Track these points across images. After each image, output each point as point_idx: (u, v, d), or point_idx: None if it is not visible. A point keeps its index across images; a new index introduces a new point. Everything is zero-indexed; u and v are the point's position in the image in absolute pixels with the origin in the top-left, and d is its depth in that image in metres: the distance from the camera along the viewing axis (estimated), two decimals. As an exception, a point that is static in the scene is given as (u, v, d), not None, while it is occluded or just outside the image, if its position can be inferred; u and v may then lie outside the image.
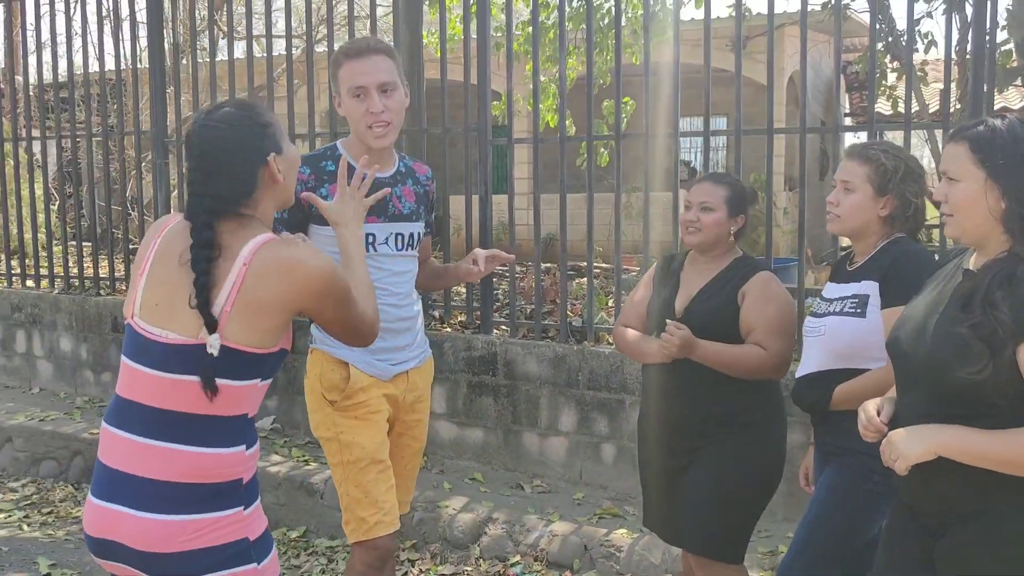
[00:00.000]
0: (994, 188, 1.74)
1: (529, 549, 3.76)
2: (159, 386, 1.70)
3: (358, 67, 2.46)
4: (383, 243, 2.56)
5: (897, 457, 1.77)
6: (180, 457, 1.69)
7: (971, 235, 1.82)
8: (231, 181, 1.75)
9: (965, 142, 1.77)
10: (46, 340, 5.81)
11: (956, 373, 1.70)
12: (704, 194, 2.69)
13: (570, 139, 4.43)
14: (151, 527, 1.67)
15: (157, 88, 5.31)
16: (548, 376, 4.28)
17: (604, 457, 4.21)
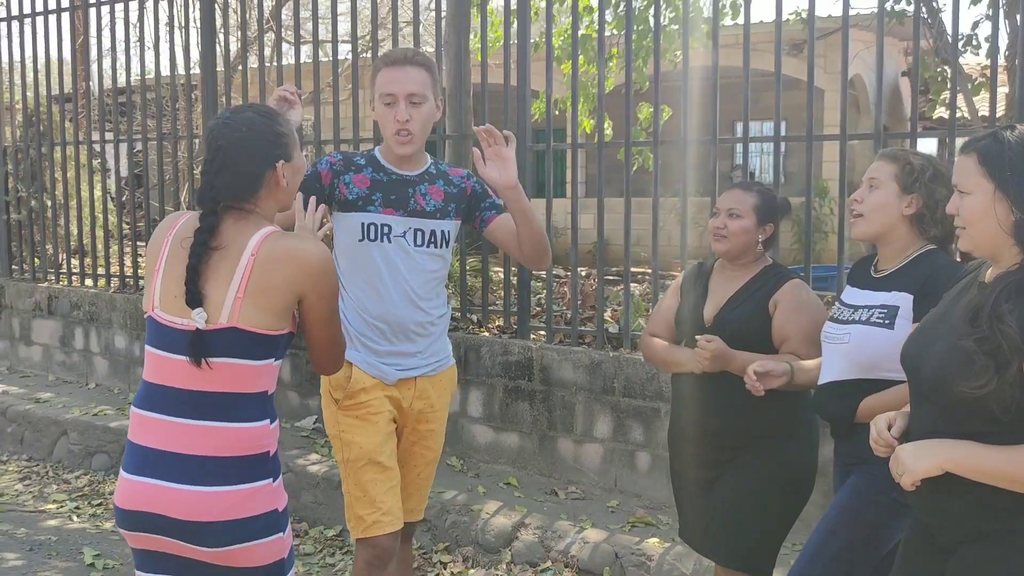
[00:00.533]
0: (1003, 200, 1.71)
1: (560, 555, 3.76)
2: (187, 370, 1.85)
3: (392, 75, 2.56)
4: (400, 236, 2.61)
5: (903, 472, 1.74)
6: (212, 432, 1.85)
7: (983, 248, 1.79)
8: (239, 179, 1.90)
9: (974, 154, 1.75)
10: (102, 337, 6.00)
11: (959, 387, 1.67)
12: (733, 201, 2.67)
13: (608, 144, 4.41)
14: (193, 498, 1.82)
15: (209, 94, 5.46)
16: (584, 382, 4.27)
17: (639, 465, 4.19)
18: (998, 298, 1.68)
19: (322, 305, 1.95)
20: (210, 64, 5.44)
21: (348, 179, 2.59)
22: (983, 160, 1.73)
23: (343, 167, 2.61)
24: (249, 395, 1.90)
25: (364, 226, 2.58)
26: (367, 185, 2.60)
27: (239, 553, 1.87)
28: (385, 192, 2.61)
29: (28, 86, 6.40)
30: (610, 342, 4.40)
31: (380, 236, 2.58)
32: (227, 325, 1.84)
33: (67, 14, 6.16)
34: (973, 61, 6.97)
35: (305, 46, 6.16)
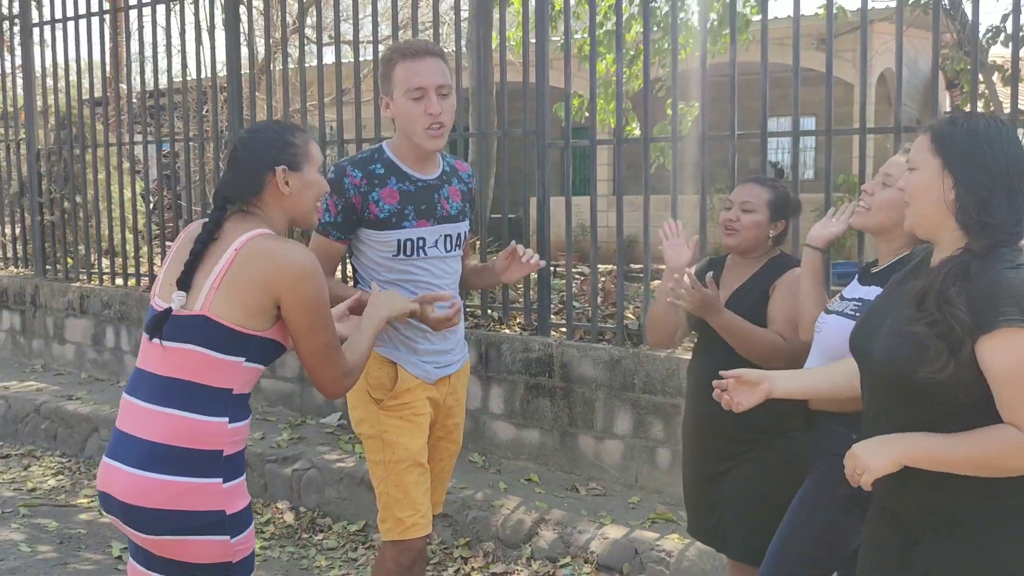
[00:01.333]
0: (948, 178, 1.73)
1: (580, 551, 3.77)
2: (160, 353, 1.93)
3: (418, 68, 2.45)
4: (432, 246, 2.58)
5: (862, 471, 1.72)
6: (168, 420, 1.88)
7: (925, 226, 1.80)
8: (242, 177, 2.03)
9: (928, 132, 1.79)
10: (132, 336, 6.10)
11: (917, 374, 1.67)
12: (746, 194, 2.66)
13: (627, 141, 4.41)
14: (135, 481, 1.87)
15: (234, 96, 5.53)
16: (604, 379, 4.28)
17: (659, 462, 4.19)
18: (944, 281, 1.68)
19: (302, 313, 1.94)
20: (235, 66, 5.52)
21: (376, 196, 2.51)
22: (935, 138, 1.76)
23: (367, 184, 2.51)
24: (210, 388, 1.91)
25: (400, 243, 2.53)
26: (397, 199, 2.52)
27: (176, 545, 1.88)
28: (416, 203, 2.55)
29: (61, 89, 6.52)
30: (630, 339, 4.40)
31: (416, 251, 2.54)
32: (198, 312, 1.90)
33: (96, 18, 6.27)
34: (1005, 53, 6.85)
35: (328, 47, 6.21)
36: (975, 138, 1.72)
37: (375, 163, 2.56)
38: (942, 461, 1.67)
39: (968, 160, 1.71)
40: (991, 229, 1.69)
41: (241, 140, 2.08)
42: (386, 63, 2.51)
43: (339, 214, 2.50)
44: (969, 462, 1.65)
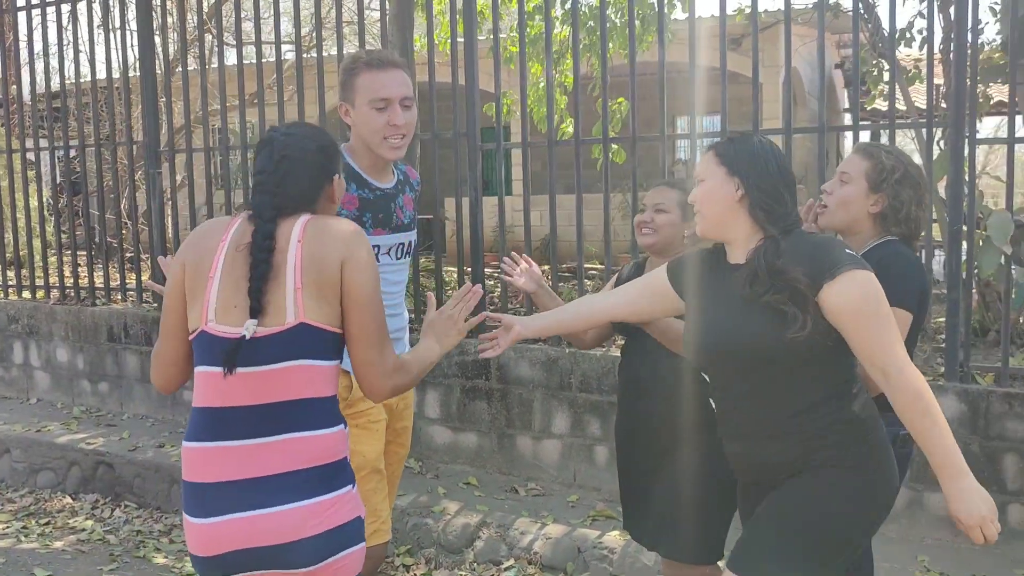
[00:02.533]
0: (735, 179, 2.00)
1: (523, 552, 3.77)
2: (255, 382, 1.77)
3: (383, 79, 2.42)
4: (385, 254, 2.56)
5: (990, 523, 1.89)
6: (292, 445, 1.77)
7: (717, 226, 2.06)
8: (303, 187, 1.91)
9: (711, 150, 2.08)
10: (43, 351, 5.83)
11: (784, 338, 1.89)
12: (660, 197, 2.70)
13: (559, 143, 4.43)
14: (282, 519, 1.73)
15: (149, 98, 5.34)
16: (541, 379, 4.29)
17: (597, 459, 4.22)
18: (768, 260, 1.93)
19: (362, 277, 1.83)
20: (149, 67, 5.32)
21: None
22: (719, 153, 2.05)
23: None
24: (321, 400, 1.82)
25: None
26: (356, 206, 2.49)
27: (334, 567, 1.79)
28: (373, 211, 2.52)
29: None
30: (566, 339, 4.43)
31: None
32: (295, 323, 1.77)
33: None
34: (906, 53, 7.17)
35: (247, 46, 6.05)
36: (754, 149, 2.02)
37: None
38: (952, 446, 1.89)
39: (752, 164, 2.00)
40: (782, 216, 1.98)
41: (295, 150, 1.92)
42: (348, 71, 2.47)
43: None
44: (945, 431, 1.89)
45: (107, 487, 4.73)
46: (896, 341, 1.89)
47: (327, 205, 1.98)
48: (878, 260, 2.32)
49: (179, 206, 5.59)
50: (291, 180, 1.89)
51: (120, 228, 5.87)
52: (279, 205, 1.87)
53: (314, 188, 1.92)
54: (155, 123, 5.35)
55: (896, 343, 1.88)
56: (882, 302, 1.88)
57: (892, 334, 1.88)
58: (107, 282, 5.76)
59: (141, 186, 6.32)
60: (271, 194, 1.87)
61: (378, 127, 2.43)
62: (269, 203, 1.86)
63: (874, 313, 1.87)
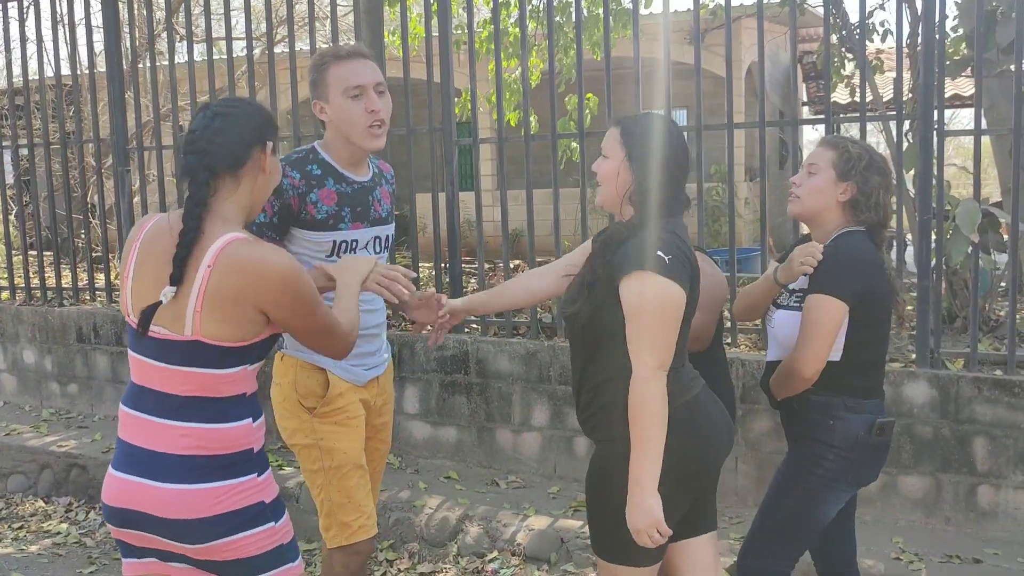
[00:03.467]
0: (629, 166, 2.16)
1: (506, 545, 3.79)
2: (163, 374, 1.87)
3: (353, 67, 2.44)
4: (363, 248, 2.57)
5: (652, 532, 2.08)
6: (193, 433, 1.86)
7: (610, 203, 2.23)
8: (232, 142, 1.89)
9: (618, 127, 2.22)
10: (9, 353, 5.72)
11: (563, 312, 2.18)
12: None
13: (535, 137, 4.45)
14: (174, 496, 1.83)
15: (116, 93, 5.25)
16: (520, 373, 4.32)
17: (577, 450, 4.26)
18: (604, 243, 2.17)
19: (293, 316, 1.91)
20: (116, 63, 5.23)
21: (315, 198, 2.48)
22: (623, 132, 2.20)
23: (305, 186, 2.47)
24: (225, 398, 1.90)
25: (336, 244, 2.52)
26: (335, 201, 2.50)
27: (227, 546, 1.88)
28: (352, 205, 2.54)
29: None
30: (544, 332, 4.46)
31: (348, 251, 2.54)
32: (191, 338, 1.83)
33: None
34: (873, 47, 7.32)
35: (217, 42, 5.98)
36: (647, 135, 2.16)
37: (311, 164, 2.52)
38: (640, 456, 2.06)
39: (641, 145, 2.15)
40: (644, 205, 2.14)
41: (232, 106, 1.94)
42: (318, 68, 2.48)
43: (275, 215, 2.44)
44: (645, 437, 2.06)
45: (81, 489, 4.66)
46: (646, 349, 2.02)
47: (257, 176, 1.94)
48: (832, 250, 2.39)
49: (146, 203, 5.51)
50: (222, 137, 1.88)
51: (87, 227, 5.77)
52: (209, 163, 1.87)
53: (244, 147, 1.90)
54: (122, 120, 5.27)
55: (645, 350, 2.02)
56: (652, 308, 2.03)
57: (646, 340, 2.03)
58: (75, 282, 5.66)
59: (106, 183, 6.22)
60: (202, 152, 1.87)
61: (357, 116, 2.43)
62: (200, 163, 1.87)
63: (637, 315, 2.04)
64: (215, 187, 1.88)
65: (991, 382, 3.55)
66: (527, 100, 4.33)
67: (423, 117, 4.65)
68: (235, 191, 1.92)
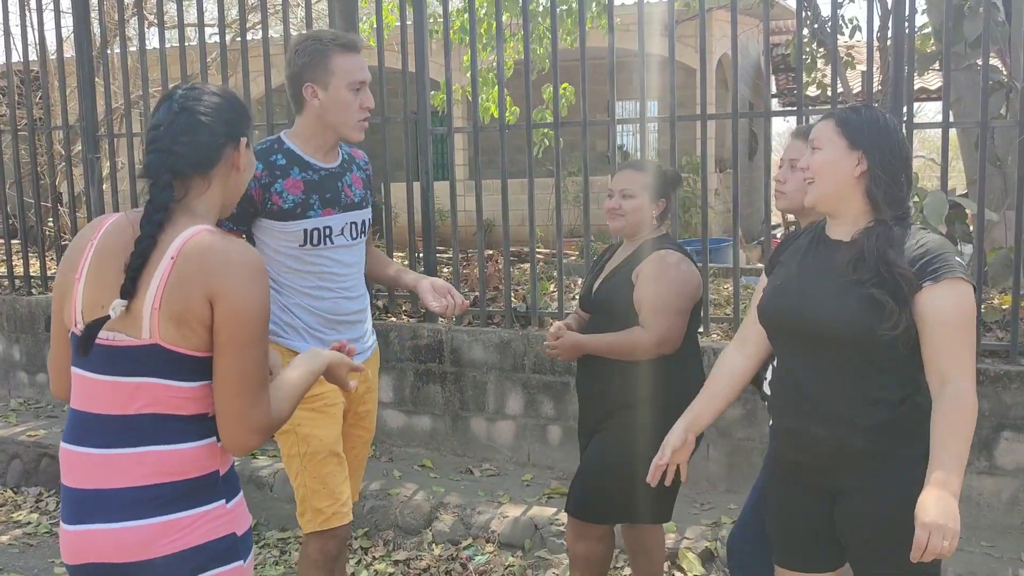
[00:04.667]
0: (856, 154, 1.94)
1: (481, 531, 3.82)
2: (111, 391, 1.63)
3: (358, 61, 2.49)
4: (339, 234, 2.57)
5: (950, 538, 1.77)
6: (147, 458, 1.61)
7: (828, 198, 1.99)
8: (200, 144, 1.69)
9: (832, 119, 2.01)
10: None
11: (876, 331, 1.86)
12: (625, 181, 2.78)
13: (510, 127, 4.47)
14: (126, 536, 1.59)
15: (86, 79, 5.19)
16: (494, 362, 4.34)
17: (550, 438, 4.30)
18: (879, 246, 1.88)
19: (233, 320, 1.59)
20: (85, 48, 5.16)
21: (279, 187, 2.47)
22: (840, 123, 1.97)
23: (269, 177, 2.47)
24: (183, 417, 1.64)
25: (307, 233, 2.51)
26: (301, 189, 2.50)
27: None
28: (320, 192, 2.53)
29: None
30: (518, 321, 4.48)
31: (323, 239, 2.53)
32: (148, 341, 1.59)
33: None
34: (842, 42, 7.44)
35: (189, 29, 5.92)
36: (879, 124, 1.95)
37: (275, 154, 2.52)
38: (961, 470, 1.82)
39: (876, 141, 1.93)
40: (899, 202, 1.93)
41: (198, 100, 1.70)
42: (318, 53, 2.46)
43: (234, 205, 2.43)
44: (966, 451, 1.84)
45: (51, 480, 4.62)
46: (968, 357, 1.85)
47: (230, 174, 1.75)
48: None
49: (116, 191, 5.45)
50: (188, 136, 1.67)
51: (56, 215, 5.70)
52: (174, 166, 1.66)
53: (214, 148, 1.70)
54: (92, 106, 5.20)
55: (967, 359, 1.85)
56: (971, 318, 1.86)
57: (966, 349, 1.85)
58: (43, 270, 5.59)
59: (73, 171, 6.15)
60: (166, 152, 1.66)
61: (354, 109, 2.49)
62: (163, 163, 1.66)
63: (957, 327, 1.84)
64: (184, 189, 1.69)
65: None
66: (502, 90, 4.34)
67: (398, 107, 4.65)
68: (205, 191, 1.72)
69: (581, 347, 2.74)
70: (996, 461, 3.58)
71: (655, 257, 2.71)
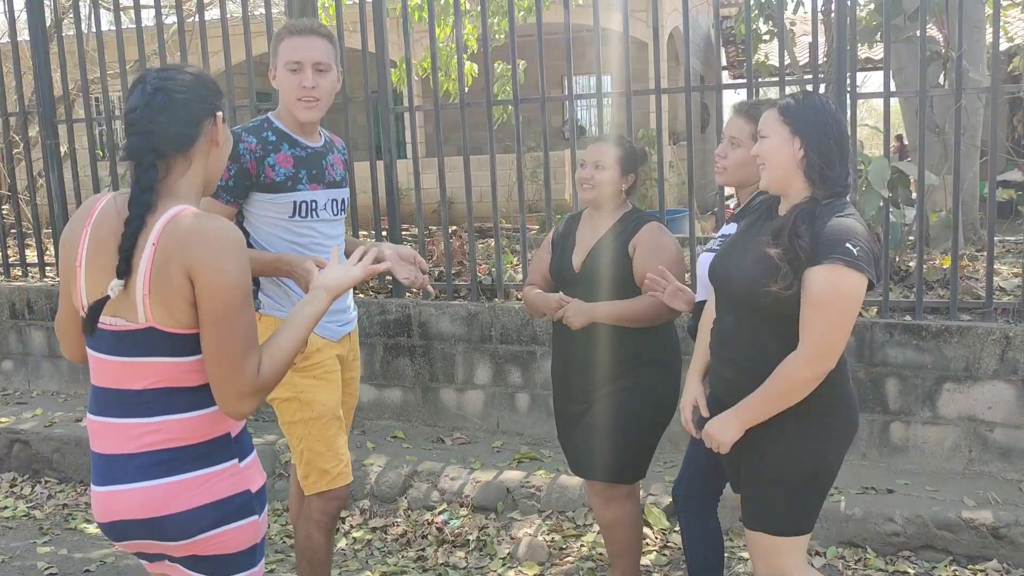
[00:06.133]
0: (797, 140, 2.16)
1: (454, 497, 3.96)
2: (122, 370, 1.73)
3: (297, 43, 2.62)
4: (323, 209, 2.71)
5: (718, 446, 2.25)
6: (163, 426, 1.72)
7: (778, 182, 2.22)
8: (179, 121, 1.73)
9: (775, 108, 2.22)
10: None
11: (770, 289, 2.11)
12: (598, 153, 2.87)
13: (470, 104, 4.56)
14: (149, 494, 1.71)
15: (41, 64, 5.15)
16: (462, 334, 4.46)
17: (519, 406, 4.44)
18: (796, 221, 2.12)
19: (215, 295, 1.65)
20: (40, 30, 5.12)
21: (272, 161, 2.62)
22: (783, 111, 2.19)
23: (262, 150, 2.61)
24: (192, 388, 1.74)
25: (296, 204, 2.65)
26: (291, 164, 2.65)
27: (214, 540, 1.75)
28: (308, 168, 2.68)
29: None
30: (484, 293, 4.60)
31: (309, 212, 2.67)
32: (144, 326, 1.68)
33: None
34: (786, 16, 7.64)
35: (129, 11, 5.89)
36: (815, 111, 2.16)
37: (266, 131, 2.67)
38: (766, 414, 2.17)
39: (812, 126, 2.15)
40: (831, 181, 2.15)
41: (171, 80, 1.75)
42: (276, 39, 2.67)
43: (231, 178, 2.57)
44: (781, 404, 2.15)
45: (24, 464, 4.65)
46: (816, 334, 2.07)
47: (211, 150, 1.80)
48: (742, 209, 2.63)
49: (67, 177, 5.43)
50: (166, 115, 1.71)
51: (16, 201, 5.67)
52: (155, 146, 1.70)
53: (193, 124, 1.75)
54: (49, 91, 5.18)
55: (816, 335, 2.07)
56: (834, 301, 2.05)
57: (819, 326, 2.06)
58: (4, 258, 5.57)
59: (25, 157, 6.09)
60: (146, 133, 1.70)
61: (291, 88, 2.63)
62: (144, 144, 1.70)
63: (817, 305, 2.06)
64: (165, 169, 1.73)
65: (901, 327, 3.84)
66: (461, 67, 4.43)
67: (359, 86, 4.70)
68: (187, 170, 1.77)
69: (592, 315, 2.79)
70: (939, 411, 3.80)
71: (650, 230, 2.83)
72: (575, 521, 3.76)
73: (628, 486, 2.92)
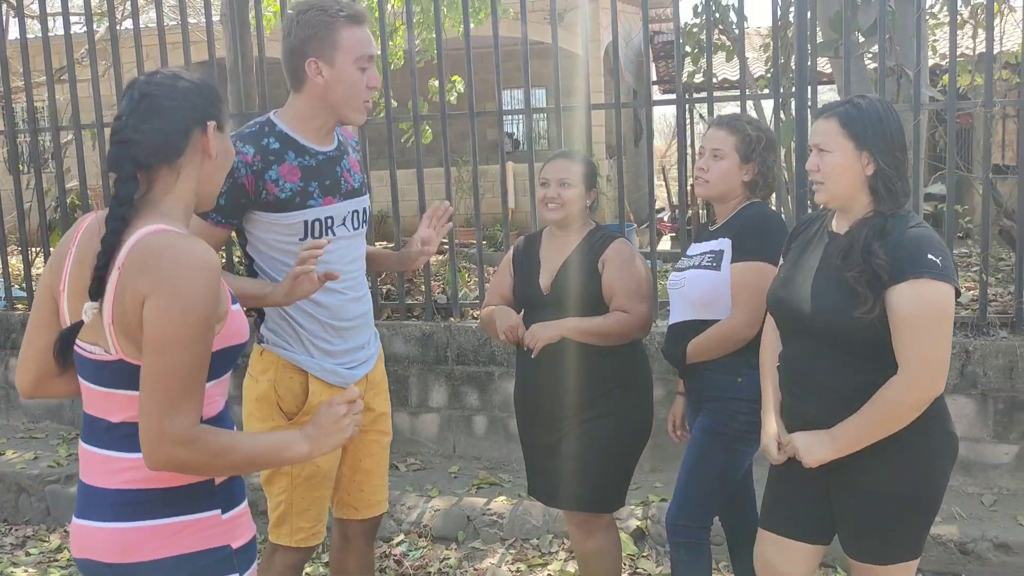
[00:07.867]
0: (864, 155, 2.03)
1: (413, 527, 3.79)
2: (103, 400, 1.59)
3: (365, 35, 2.23)
4: (340, 225, 2.34)
5: (804, 460, 2.09)
6: (137, 464, 1.54)
7: (841, 199, 2.09)
8: (164, 130, 1.57)
9: (835, 118, 2.06)
10: None
11: (851, 315, 1.97)
12: (562, 171, 2.76)
13: (398, 119, 4.41)
14: (119, 536, 1.55)
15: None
16: (416, 355, 4.30)
17: (476, 429, 4.29)
18: (867, 238, 2.00)
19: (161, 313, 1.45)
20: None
21: (275, 175, 2.22)
22: (844, 123, 2.04)
23: (263, 163, 2.21)
24: None
25: (308, 224, 2.27)
26: (299, 176, 2.25)
27: None
28: (319, 179, 2.28)
29: None
30: (439, 313, 4.45)
31: (324, 231, 2.29)
32: (116, 358, 1.53)
33: None
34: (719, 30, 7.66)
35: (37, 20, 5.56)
36: (880, 118, 2.03)
37: (267, 137, 2.26)
38: (865, 441, 2.02)
39: (880, 138, 2.02)
40: (896, 194, 2.03)
41: (160, 85, 1.59)
42: (323, 25, 2.19)
43: (222, 196, 2.11)
44: (882, 431, 2.01)
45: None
46: (915, 352, 1.94)
47: (202, 162, 1.63)
48: (750, 220, 2.58)
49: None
50: (151, 123, 1.56)
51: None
52: (136, 156, 1.54)
53: (178, 134, 1.58)
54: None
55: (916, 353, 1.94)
56: (928, 315, 1.93)
57: (917, 343, 1.94)
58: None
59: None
60: (127, 142, 1.55)
61: (360, 88, 2.24)
62: (124, 154, 1.54)
63: (910, 323, 1.93)
64: (147, 182, 1.57)
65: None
66: (387, 80, 4.28)
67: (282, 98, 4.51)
68: (174, 184, 1.60)
69: (561, 328, 2.63)
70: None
71: (618, 247, 2.73)
72: (539, 549, 3.63)
73: (609, 515, 2.81)
